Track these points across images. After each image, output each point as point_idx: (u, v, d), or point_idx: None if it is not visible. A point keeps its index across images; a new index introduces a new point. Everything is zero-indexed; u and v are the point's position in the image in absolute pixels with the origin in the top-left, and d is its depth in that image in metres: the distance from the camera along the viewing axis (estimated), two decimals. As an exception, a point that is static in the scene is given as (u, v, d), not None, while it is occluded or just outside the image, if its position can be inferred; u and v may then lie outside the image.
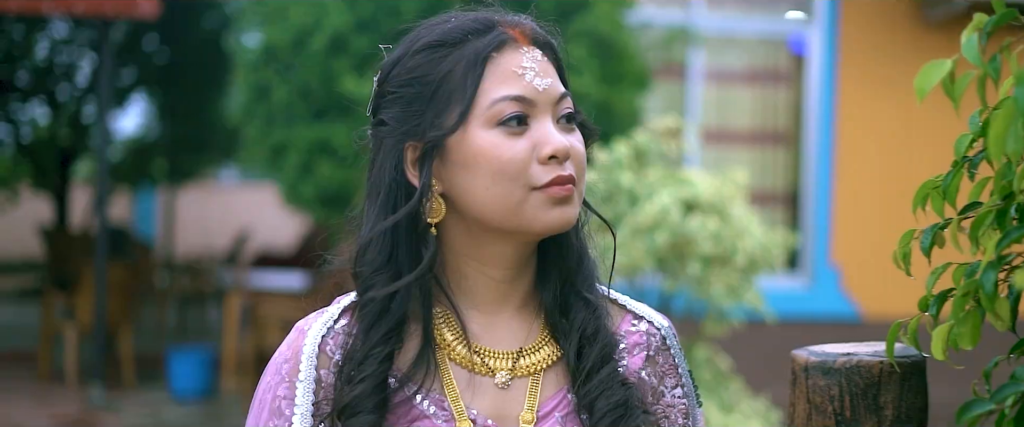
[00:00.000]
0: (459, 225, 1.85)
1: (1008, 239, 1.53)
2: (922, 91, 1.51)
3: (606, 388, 1.86)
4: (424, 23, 1.90)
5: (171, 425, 10.24)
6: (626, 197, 5.94)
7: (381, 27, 7.94)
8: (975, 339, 1.63)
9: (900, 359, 1.99)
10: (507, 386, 1.86)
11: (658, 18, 10.55)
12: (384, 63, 1.89)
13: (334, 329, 1.85)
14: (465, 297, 1.88)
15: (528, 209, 1.80)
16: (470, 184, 1.80)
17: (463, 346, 1.85)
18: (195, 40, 14.87)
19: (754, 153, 11.66)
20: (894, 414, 2.00)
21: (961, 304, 1.63)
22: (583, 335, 1.89)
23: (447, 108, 1.81)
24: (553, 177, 1.80)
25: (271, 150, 8.64)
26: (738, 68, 11.70)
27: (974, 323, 1.62)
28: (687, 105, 11.35)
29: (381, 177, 1.84)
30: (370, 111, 1.91)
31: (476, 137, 1.79)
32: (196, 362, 11.31)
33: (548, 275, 1.92)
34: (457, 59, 1.81)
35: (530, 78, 1.82)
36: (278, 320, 10.86)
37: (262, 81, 8.66)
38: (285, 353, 1.85)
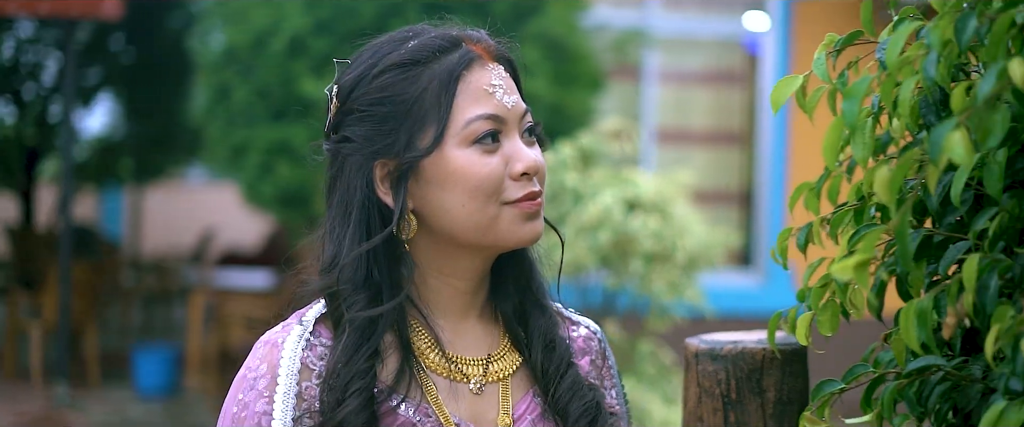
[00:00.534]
0: (427, 240, 1.87)
1: (858, 235, 1.68)
2: (777, 103, 1.68)
3: (576, 392, 1.92)
4: (382, 40, 1.90)
5: (136, 423, 10.29)
6: (571, 197, 6.10)
7: (339, 29, 8.08)
8: (834, 326, 1.79)
9: (781, 346, 2.15)
10: (481, 392, 1.89)
11: (613, 20, 10.68)
12: (344, 80, 1.88)
13: (311, 342, 1.84)
14: (432, 307, 1.90)
15: (501, 224, 1.83)
16: (445, 202, 1.82)
17: (437, 354, 1.87)
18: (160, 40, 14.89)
19: (709, 153, 11.81)
20: (776, 396, 2.16)
21: (819, 295, 1.79)
22: (545, 341, 1.95)
23: (421, 128, 1.82)
24: (526, 193, 1.84)
25: (232, 150, 8.76)
26: (693, 69, 11.84)
27: (833, 312, 1.78)
28: (642, 106, 11.49)
29: (350, 195, 1.85)
30: (329, 128, 1.90)
31: (452, 156, 1.81)
32: (161, 360, 11.36)
33: (505, 285, 1.96)
34: (429, 78, 1.82)
35: (499, 96, 1.85)
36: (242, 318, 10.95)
37: (223, 82, 8.78)
38: (258, 369, 1.82)
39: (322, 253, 1.89)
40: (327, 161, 1.91)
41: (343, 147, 1.86)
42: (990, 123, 1.37)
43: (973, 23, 1.42)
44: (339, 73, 1.92)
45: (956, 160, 1.31)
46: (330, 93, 1.91)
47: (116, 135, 17.17)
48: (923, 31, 1.53)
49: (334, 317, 1.85)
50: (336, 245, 1.85)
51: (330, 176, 1.90)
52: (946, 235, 1.64)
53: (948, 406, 1.65)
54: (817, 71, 1.64)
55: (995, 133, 1.37)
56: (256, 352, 1.85)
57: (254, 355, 1.85)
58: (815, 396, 1.72)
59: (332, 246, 1.86)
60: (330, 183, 1.90)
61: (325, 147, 1.92)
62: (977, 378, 1.61)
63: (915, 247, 1.64)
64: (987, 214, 1.54)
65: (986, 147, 1.39)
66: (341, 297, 1.82)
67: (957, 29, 1.42)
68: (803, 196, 1.92)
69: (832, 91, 1.67)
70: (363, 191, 1.84)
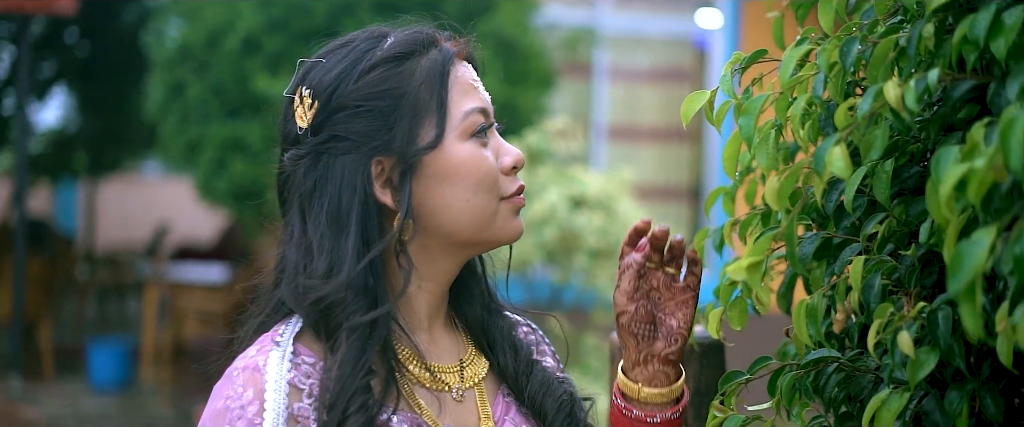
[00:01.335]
0: (416, 242, 1.81)
1: (761, 237, 1.82)
2: (686, 116, 1.81)
3: (547, 387, 1.93)
4: (349, 40, 1.85)
5: (89, 416, 10.33)
6: (518, 193, 6.20)
7: (292, 28, 8.17)
8: (742, 321, 1.92)
9: (699, 340, 2.29)
10: (462, 398, 1.87)
11: (564, 19, 10.80)
12: (320, 79, 1.81)
13: (295, 361, 1.75)
14: (408, 316, 1.85)
15: (499, 220, 1.82)
16: (448, 198, 1.79)
17: (418, 365, 1.83)
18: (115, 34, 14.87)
19: (658, 150, 11.95)
20: (694, 386, 2.30)
21: (728, 291, 1.93)
22: (510, 344, 1.95)
23: (420, 123, 1.78)
24: (518, 187, 1.86)
25: (186, 146, 8.84)
26: (644, 67, 11.97)
27: (741, 308, 1.91)
28: (592, 103, 11.61)
29: (342, 196, 1.77)
30: (310, 128, 1.80)
31: (455, 149, 1.78)
32: (115, 353, 11.37)
33: (469, 292, 1.95)
34: (421, 72, 1.79)
35: (481, 91, 1.85)
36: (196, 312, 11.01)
37: (177, 79, 8.86)
38: (243, 396, 1.72)
39: (297, 265, 1.78)
40: (300, 166, 1.81)
41: (331, 146, 1.78)
42: (871, 138, 1.51)
43: (857, 47, 1.56)
44: (301, 74, 1.85)
45: (836, 173, 1.44)
46: (298, 94, 1.83)
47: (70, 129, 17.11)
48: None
49: (327, 329, 1.75)
50: (329, 254, 1.76)
51: (309, 181, 1.79)
52: (843, 238, 1.78)
53: (843, 394, 1.78)
54: (723, 87, 1.77)
55: (876, 147, 1.51)
56: (234, 380, 1.74)
57: (232, 383, 1.73)
58: (722, 386, 1.85)
59: (325, 255, 1.76)
60: (312, 186, 1.79)
61: (291, 152, 1.83)
62: (870, 369, 1.75)
63: (815, 249, 1.77)
64: (876, 219, 1.68)
65: (868, 160, 1.54)
66: (341, 305, 1.73)
67: (842, 52, 1.56)
68: (719, 198, 2.07)
69: (737, 106, 1.80)
70: (360, 191, 1.77)
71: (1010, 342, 1.29)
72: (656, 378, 1.89)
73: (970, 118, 1.53)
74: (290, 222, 1.82)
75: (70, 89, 16.57)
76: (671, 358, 1.88)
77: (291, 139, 1.84)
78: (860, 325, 1.82)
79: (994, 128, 1.25)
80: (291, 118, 1.84)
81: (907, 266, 1.65)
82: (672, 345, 1.87)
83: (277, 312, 1.82)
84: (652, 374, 1.89)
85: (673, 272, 1.88)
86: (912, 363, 1.51)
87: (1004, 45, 1.33)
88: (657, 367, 1.88)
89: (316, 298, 1.74)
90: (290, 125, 1.84)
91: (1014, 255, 1.21)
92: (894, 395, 1.57)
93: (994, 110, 1.41)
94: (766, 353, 1.89)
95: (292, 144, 1.83)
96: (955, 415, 1.54)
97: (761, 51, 1.80)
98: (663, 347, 1.87)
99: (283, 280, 1.81)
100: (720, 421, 1.84)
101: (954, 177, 1.25)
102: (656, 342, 1.88)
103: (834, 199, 1.70)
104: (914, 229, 1.66)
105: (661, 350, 1.88)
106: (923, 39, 1.46)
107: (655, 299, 1.89)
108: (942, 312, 1.50)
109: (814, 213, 1.88)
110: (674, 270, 1.88)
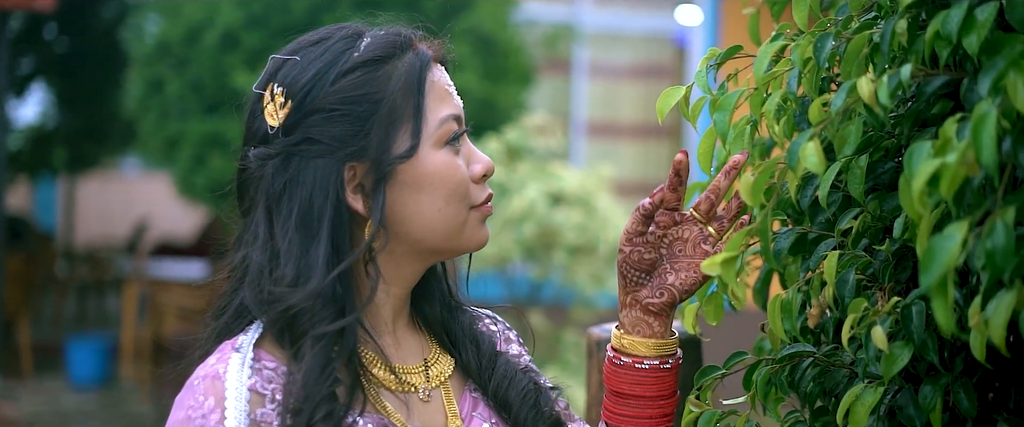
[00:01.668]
0: (383, 249, 1.77)
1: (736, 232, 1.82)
2: (662, 112, 1.81)
3: (510, 380, 1.90)
4: (323, 37, 1.80)
5: (69, 413, 10.31)
6: (497, 190, 6.22)
7: (271, 24, 8.17)
8: (718, 316, 1.93)
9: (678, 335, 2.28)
10: (429, 398, 1.85)
11: (544, 15, 10.82)
12: (294, 78, 1.76)
13: (256, 367, 1.71)
14: (373, 319, 1.82)
15: (467, 229, 1.80)
16: (420, 207, 1.76)
17: (382, 368, 1.80)
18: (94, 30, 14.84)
19: (637, 146, 11.97)
20: (671, 382, 2.28)
21: (705, 286, 1.94)
22: (471, 339, 1.93)
23: (396, 130, 1.74)
24: (487, 195, 1.83)
25: (165, 142, 8.83)
26: (623, 63, 11.99)
27: (717, 303, 1.92)
28: (572, 100, 11.63)
29: (313, 200, 1.72)
30: (282, 128, 1.74)
31: (430, 158, 1.75)
32: (94, 350, 11.37)
33: (430, 291, 1.92)
34: (400, 76, 1.75)
35: (455, 96, 1.82)
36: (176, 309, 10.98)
37: (156, 75, 8.85)
38: (206, 404, 1.68)
39: (263, 269, 1.74)
40: (269, 167, 1.75)
41: (304, 149, 1.73)
42: (845, 133, 1.52)
43: (830, 43, 1.57)
44: (272, 70, 1.79)
45: (810, 168, 1.45)
46: (269, 91, 1.77)
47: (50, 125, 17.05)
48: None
49: (292, 337, 1.71)
50: (298, 259, 1.71)
51: (278, 183, 1.73)
52: (818, 233, 1.78)
53: (818, 389, 1.79)
54: (698, 83, 1.78)
55: (850, 142, 1.52)
56: (195, 389, 1.69)
57: (194, 392, 1.69)
58: (698, 381, 1.86)
59: (293, 261, 1.71)
60: (279, 191, 1.74)
61: (258, 151, 1.77)
62: (844, 364, 1.76)
63: (790, 244, 1.78)
64: (850, 214, 1.69)
65: (842, 155, 1.55)
66: (308, 314, 1.69)
67: (816, 49, 1.57)
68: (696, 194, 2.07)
69: (712, 102, 1.80)
70: (333, 196, 1.72)
71: (983, 337, 1.29)
72: (638, 325, 1.87)
73: (943, 114, 1.54)
74: (255, 223, 1.77)
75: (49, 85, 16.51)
76: (652, 308, 1.85)
77: (259, 137, 1.78)
78: (835, 320, 1.83)
79: (966, 123, 1.26)
80: (260, 115, 1.78)
81: (881, 261, 1.66)
82: (655, 297, 1.85)
83: (240, 317, 1.78)
84: (634, 321, 1.87)
85: (712, 233, 1.84)
86: (886, 358, 1.51)
87: (976, 41, 1.34)
88: (638, 314, 1.87)
89: (284, 307, 1.70)
90: (259, 122, 1.78)
91: (986, 250, 1.21)
92: (868, 390, 1.58)
93: (967, 106, 1.42)
94: (742, 348, 1.90)
95: (260, 142, 1.77)
96: (929, 409, 1.55)
97: (736, 47, 1.80)
98: (646, 295, 1.85)
99: (246, 283, 1.76)
100: (696, 416, 1.85)
101: (927, 172, 1.25)
102: (642, 289, 1.87)
103: (809, 194, 1.71)
104: (888, 224, 1.67)
105: (644, 297, 1.86)
106: (896, 35, 1.46)
107: (675, 251, 1.85)
108: (916, 307, 1.51)
109: (789, 208, 1.89)
110: (715, 229, 1.84)
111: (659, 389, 1.89)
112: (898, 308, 1.53)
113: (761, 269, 2.06)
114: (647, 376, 1.88)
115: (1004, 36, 1.33)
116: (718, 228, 1.84)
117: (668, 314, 1.87)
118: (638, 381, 1.89)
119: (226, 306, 1.80)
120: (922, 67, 1.48)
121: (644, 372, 1.88)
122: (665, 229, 1.84)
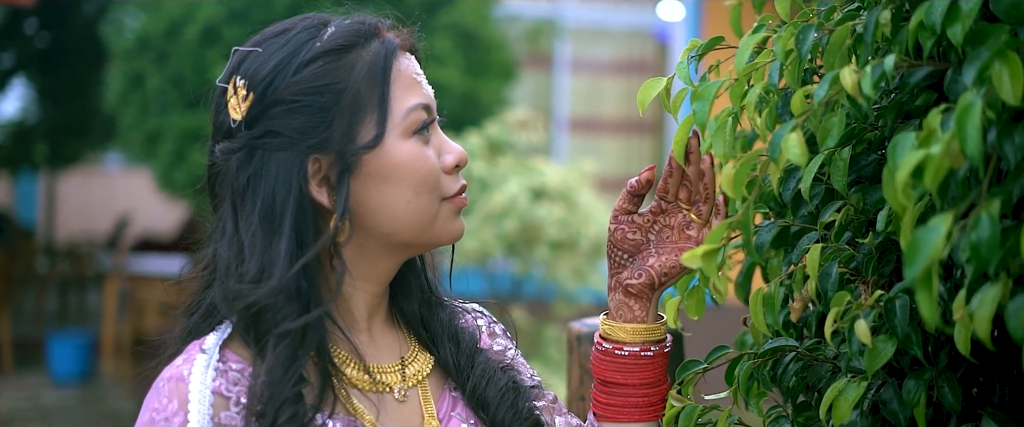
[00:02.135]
0: (352, 243, 1.75)
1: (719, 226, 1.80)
2: (642, 103, 1.79)
3: (489, 378, 1.86)
4: (287, 27, 1.77)
5: (49, 409, 10.25)
6: (478, 185, 6.21)
7: (253, 18, 8.13)
8: (700, 310, 1.91)
9: (659, 330, 2.26)
10: (405, 398, 1.81)
11: (526, 10, 10.81)
12: (255, 70, 1.72)
13: (221, 368, 1.68)
14: (346, 316, 1.79)
15: (439, 221, 1.77)
16: (387, 198, 1.72)
17: (356, 368, 1.76)
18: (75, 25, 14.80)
19: (620, 142, 11.97)
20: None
21: (685, 280, 1.92)
22: (450, 336, 1.89)
23: (360, 119, 1.70)
24: (460, 186, 1.79)
25: (146, 137, 8.79)
26: (605, 59, 11.99)
27: (698, 297, 1.90)
28: (554, 95, 11.62)
29: (277, 196, 1.69)
30: (244, 121, 1.72)
31: (397, 148, 1.72)
32: (75, 346, 11.32)
33: (408, 286, 1.89)
34: (362, 65, 1.71)
35: (424, 85, 1.78)
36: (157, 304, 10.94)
37: (136, 69, 8.81)
38: (169, 407, 1.65)
39: (230, 265, 1.71)
40: (233, 161, 1.72)
41: (266, 142, 1.70)
42: (828, 125, 1.50)
43: (812, 35, 1.55)
44: (235, 63, 1.77)
45: (792, 160, 1.43)
46: (232, 85, 1.75)
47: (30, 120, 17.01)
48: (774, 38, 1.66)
49: (257, 334, 1.68)
50: (261, 255, 1.68)
51: (242, 177, 1.71)
52: (801, 226, 1.77)
53: (801, 384, 1.77)
54: (679, 74, 1.76)
55: (833, 134, 1.50)
56: (160, 391, 1.67)
57: (158, 395, 1.67)
58: (679, 375, 1.84)
59: (256, 256, 1.68)
60: (243, 185, 1.71)
61: (223, 145, 1.75)
62: (828, 358, 1.74)
63: (772, 237, 1.76)
64: (833, 207, 1.67)
65: (825, 147, 1.53)
66: (272, 311, 1.66)
67: (798, 40, 1.55)
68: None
69: (694, 92, 1.79)
70: (296, 190, 1.69)
71: (968, 330, 1.28)
72: (621, 309, 1.89)
73: (927, 105, 1.53)
74: (223, 219, 1.74)
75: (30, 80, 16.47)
76: (631, 290, 1.86)
77: (223, 131, 1.76)
78: (818, 314, 1.81)
79: (951, 114, 1.24)
80: (224, 109, 1.76)
81: (865, 254, 1.64)
82: (635, 278, 1.86)
83: (210, 316, 1.76)
84: (618, 304, 1.89)
85: (694, 218, 1.85)
86: (869, 352, 1.50)
87: (961, 31, 1.32)
88: (621, 297, 1.88)
89: (245, 304, 1.67)
90: (223, 116, 1.76)
91: (971, 242, 1.19)
92: (851, 384, 1.56)
93: (951, 97, 1.40)
94: (724, 343, 1.88)
95: (224, 136, 1.75)
96: (913, 404, 1.54)
97: (718, 38, 1.78)
98: (627, 276, 1.87)
99: (215, 281, 1.73)
100: (677, 411, 1.83)
101: (911, 164, 1.23)
102: (625, 270, 1.88)
103: (791, 187, 1.69)
104: (872, 217, 1.65)
105: (625, 279, 1.87)
106: (879, 25, 1.45)
107: (663, 237, 1.88)
108: (899, 300, 1.49)
109: (772, 201, 1.88)
110: (696, 215, 1.85)
111: (641, 377, 1.89)
112: (881, 302, 1.51)
113: (743, 263, 2.04)
114: (628, 363, 1.89)
115: (989, 26, 1.31)
116: (697, 212, 1.84)
117: (648, 297, 1.88)
118: (619, 368, 1.89)
119: (196, 304, 1.78)
120: (906, 58, 1.46)
121: (624, 359, 1.89)
122: (656, 215, 1.87)
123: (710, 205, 1.84)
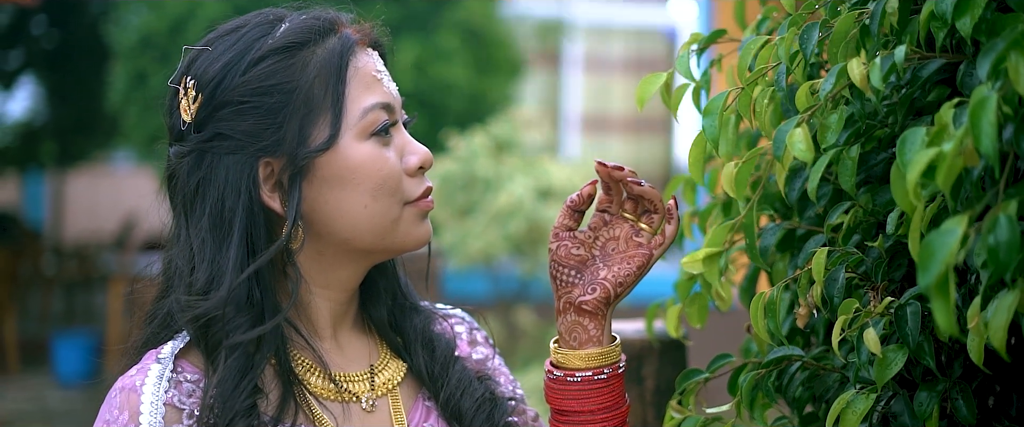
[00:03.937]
0: (310, 249, 1.69)
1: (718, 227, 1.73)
2: (642, 99, 1.71)
3: (465, 387, 1.80)
4: (239, 24, 1.72)
5: (55, 410, 10.23)
6: (483, 185, 6.14)
7: (256, 17, 8.09)
8: (702, 318, 1.83)
9: (660, 337, 2.20)
10: (373, 408, 1.74)
11: (536, 8, 10.76)
12: (204, 70, 1.66)
13: (175, 379, 1.64)
14: (308, 324, 1.73)
15: (402, 226, 1.70)
16: (343, 203, 1.66)
17: (320, 377, 1.71)
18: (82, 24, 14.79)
19: (629, 140, 11.92)
20: (655, 385, 2.21)
21: (686, 287, 1.84)
22: (423, 343, 1.82)
23: (313, 121, 1.64)
24: (424, 189, 1.72)
25: (149, 136, 8.75)
26: (615, 57, 11.94)
27: (701, 304, 1.82)
28: (563, 93, 11.57)
29: (227, 202, 1.63)
30: (194, 124, 1.66)
31: (352, 150, 1.65)
32: (80, 347, 11.31)
33: (377, 292, 1.82)
34: (316, 64, 1.64)
35: (386, 83, 1.71)
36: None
37: (140, 68, 8.76)
38: (121, 418, 1.60)
39: (182, 273, 1.66)
40: (184, 165, 1.67)
41: (215, 146, 1.64)
42: (827, 122, 1.42)
43: (816, 34, 1.47)
44: (187, 62, 1.71)
45: (798, 156, 1.35)
46: (182, 85, 1.70)
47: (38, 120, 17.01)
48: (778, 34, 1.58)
49: (208, 346, 1.64)
50: (210, 263, 1.63)
51: (192, 182, 1.65)
52: (807, 229, 1.69)
53: (807, 394, 1.70)
54: (680, 69, 1.68)
55: (833, 129, 1.42)
56: (112, 401, 1.63)
57: (111, 405, 1.63)
58: (680, 385, 1.75)
59: (205, 265, 1.63)
60: (193, 190, 1.65)
61: (175, 148, 1.70)
62: (835, 368, 1.66)
63: (777, 240, 1.68)
64: (841, 208, 1.59)
65: (825, 143, 1.44)
66: (221, 322, 1.61)
67: (801, 41, 1.47)
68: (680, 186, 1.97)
69: (695, 88, 1.71)
70: (245, 196, 1.63)
71: (982, 340, 1.21)
72: (574, 331, 1.70)
73: (940, 100, 1.45)
74: (177, 226, 1.69)
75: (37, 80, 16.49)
76: (585, 307, 1.68)
77: (175, 133, 1.70)
78: (826, 321, 1.74)
79: (964, 109, 1.16)
80: (175, 111, 1.70)
81: (874, 258, 1.56)
82: (588, 293, 1.68)
83: (168, 325, 1.70)
84: (570, 326, 1.70)
85: (644, 228, 1.69)
86: (879, 362, 1.43)
87: (970, 21, 1.24)
88: (573, 318, 1.69)
89: (193, 315, 1.62)
90: (174, 118, 1.70)
91: (989, 246, 1.11)
92: (860, 396, 1.48)
93: (965, 92, 1.32)
94: (728, 350, 1.80)
95: (176, 139, 1.69)
96: (925, 417, 1.46)
97: (720, 31, 1.71)
98: (579, 294, 1.68)
99: (170, 290, 1.68)
100: (678, 422, 1.74)
101: (921, 162, 1.15)
102: (575, 288, 1.70)
103: (797, 187, 1.61)
104: (882, 219, 1.57)
105: (577, 297, 1.68)
106: (886, 15, 1.36)
107: (608, 250, 1.71)
108: (911, 307, 1.42)
109: (777, 202, 1.80)
110: (646, 225, 1.69)
111: (598, 402, 1.71)
112: (892, 309, 1.44)
113: (748, 267, 1.96)
114: (582, 389, 1.70)
115: (1004, 16, 1.24)
116: (648, 222, 1.70)
117: (603, 314, 1.70)
118: (574, 396, 1.71)
119: (153, 313, 1.72)
120: (917, 49, 1.38)
121: (578, 385, 1.70)
122: (596, 230, 1.72)
123: (661, 214, 1.69)
